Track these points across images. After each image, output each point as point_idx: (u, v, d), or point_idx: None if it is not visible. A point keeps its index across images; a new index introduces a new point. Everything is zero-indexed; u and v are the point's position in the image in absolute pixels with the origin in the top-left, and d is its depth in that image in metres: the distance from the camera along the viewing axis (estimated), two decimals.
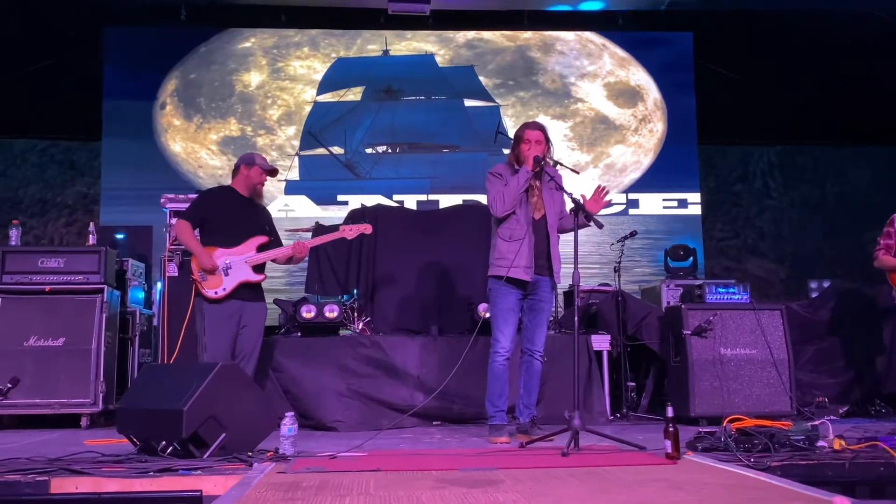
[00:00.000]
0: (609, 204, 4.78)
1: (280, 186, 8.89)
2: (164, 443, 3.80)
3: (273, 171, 5.48)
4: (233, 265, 5.09)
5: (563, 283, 6.58)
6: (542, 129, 4.82)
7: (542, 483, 3.06)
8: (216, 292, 5.06)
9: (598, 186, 4.72)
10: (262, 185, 5.41)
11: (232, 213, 5.21)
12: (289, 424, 3.87)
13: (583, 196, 4.61)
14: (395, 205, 8.70)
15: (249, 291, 5.16)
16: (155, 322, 7.02)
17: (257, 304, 5.25)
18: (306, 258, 5.75)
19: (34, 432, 5.46)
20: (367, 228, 5.49)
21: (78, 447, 4.24)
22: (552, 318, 6.59)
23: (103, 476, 3.44)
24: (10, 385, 5.76)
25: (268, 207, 8.62)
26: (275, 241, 5.34)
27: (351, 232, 5.44)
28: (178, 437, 3.70)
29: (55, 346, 5.89)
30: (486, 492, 2.85)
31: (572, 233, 4.42)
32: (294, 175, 9.06)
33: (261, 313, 5.30)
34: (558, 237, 4.89)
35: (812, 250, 9.87)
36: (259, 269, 5.20)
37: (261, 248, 5.20)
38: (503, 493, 2.83)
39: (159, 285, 6.74)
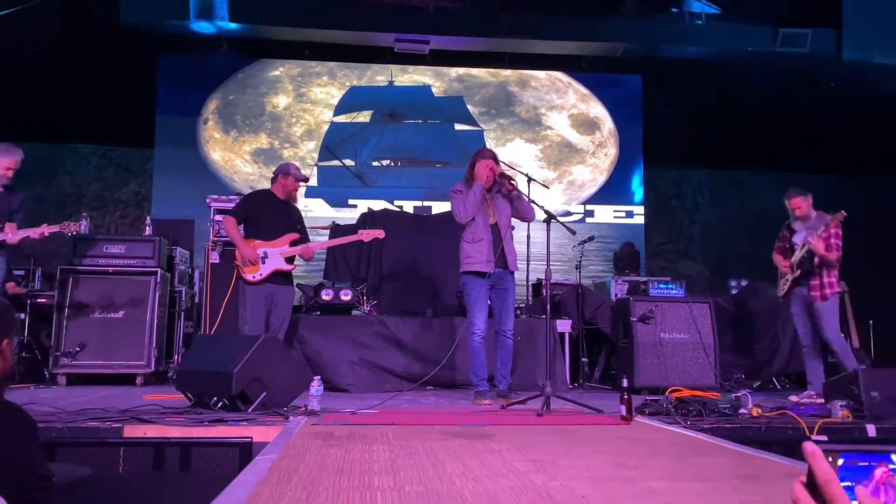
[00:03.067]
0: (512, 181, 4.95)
1: (301, 191, 8.82)
2: (215, 398, 3.85)
3: (304, 179, 5.52)
4: (269, 255, 5.13)
5: (532, 277, 6.74)
6: (493, 155, 5.05)
7: (527, 436, 3.15)
8: (254, 277, 5.10)
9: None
10: (296, 191, 5.42)
11: (270, 213, 5.23)
12: (316, 386, 3.92)
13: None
14: (397, 209, 8.73)
15: (281, 277, 5.19)
16: (196, 300, 7.03)
17: (287, 288, 5.29)
18: (314, 255, 5.74)
19: (98, 388, 5.48)
20: (380, 233, 5.51)
21: (139, 401, 4.26)
22: (522, 306, 6.71)
23: (167, 424, 3.49)
24: (78, 349, 5.78)
25: None
26: (304, 238, 5.37)
27: (367, 236, 5.45)
28: (228, 394, 3.75)
29: (116, 318, 5.91)
30: (484, 443, 2.93)
31: (544, 237, 4.55)
32: (313, 182, 9.05)
33: (290, 295, 5.34)
34: (511, 235, 5.03)
35: (733, 255, 10.00)
36: (290, 259, 5.23)
37: (293, 244, 5.23)
38: (497, 443, 2.92)
39: (199, 271, 6.77)
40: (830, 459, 0.80)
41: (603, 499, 1.95)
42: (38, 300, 6.38)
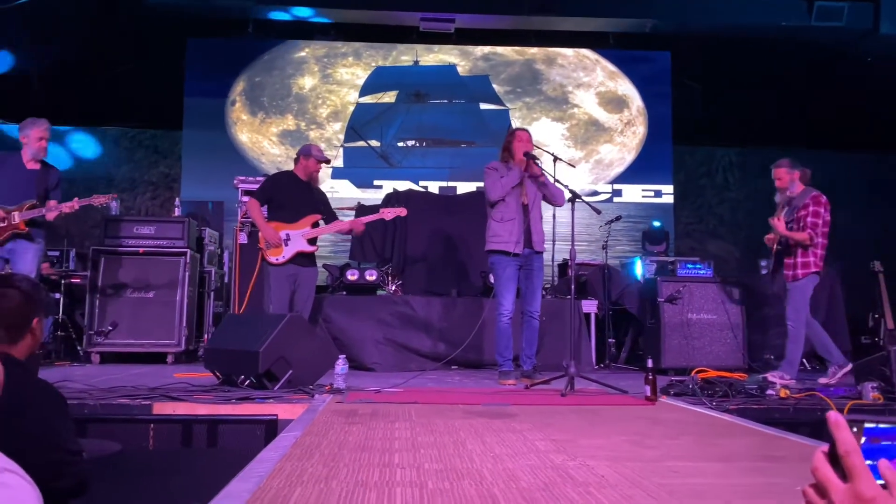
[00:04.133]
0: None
1: (328, 172, 8.93)
2: (242, 377, 3.92)
3: (326, 160, 5.50)
4: (291, 237, 5.15)
5: (558, 257, 6.72)
6: (528, 131, 5.02)
7: (549, 416, 3.15)
8: (277, 259, 5.12)
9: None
10: (318, 171, 5.41)
11: (292, 195, 5.24)
12: (342, 364, 3.97)
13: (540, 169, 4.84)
14: (422, 189, 8.73)
15: (304, 259, 5.21)
16: (226, 279, 7.13)
17: (311, 269, 5.31)
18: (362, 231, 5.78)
19: (130, 366, 5.59)
20: (402, 211, 5.48)
21: (169, 379, 4.36)
22: (548, 286, 6.69)
23: (195, 402, 3.56)
24: (110, 328, 5.90)
25: None
26: (329, 217, 5.38)
27: (389, 214, 5.42)
28: (255, 372, 3.81)
29: (147, 298, 6.01)
30: (506, 422, 2.94)
31: (569, 216, 4.52)
32: (339, 163, 9.07)
33: (313, 276, 5.36)
34: (540, 217, 4.99)
35: (762, 234, 9.80)
36: (312, 241, 5.24)
37: (314, 225, 5.25)
38: (519, 423, 2.93)
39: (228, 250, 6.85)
40: (855, 430, 0.78)
41: (621, 478, 1.95)
42: (72, 280, 6.51)
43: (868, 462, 0.76)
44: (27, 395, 2.02)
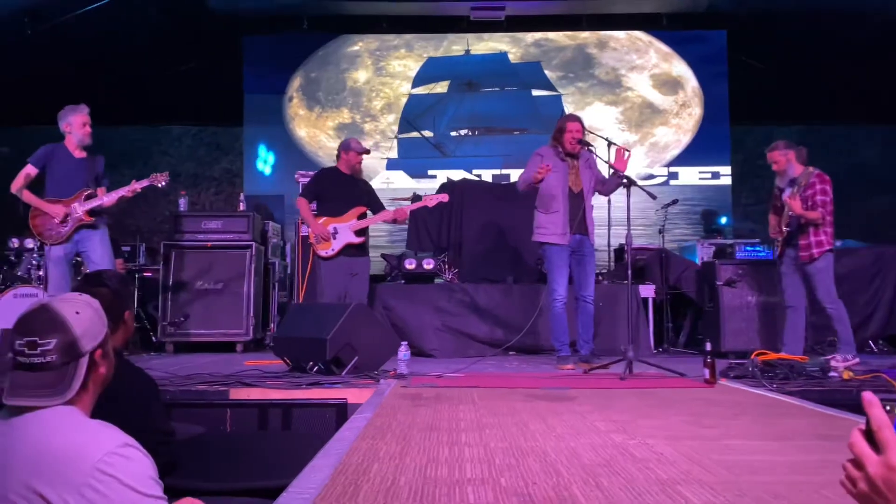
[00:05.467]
0: (629, 157, 4.89)
1: (382, 164, 9.09)
2: (311, 363, 4.11)
3: (366, 151, 5.56)
4: (339, 231, 5.26)
5: (614, 242, 6.74)
6: (580, 120, 5.04)
7: (608, 399, 3.24)
8: (327, 252, 5.26)
9: (618, 149, 4.81)
10: (360, 163, 5.47)
11: (337, 189, 5.35)
12: (404, 351, 4.10)
13: (609, 163, 4.77)
14: (476, 178, 8.82)
15: (354, 249, 5.30)
16: (289, 271, 7.38)
17: (362, 259, 5.41)
18: (406, 219, 5.89)
19: (202, 355, 5.87)
20: (444, 198, 5.53)
21: (240, 367, 4.59)
22: (605, 272, 6.73)
23: (268, 388, 3.77)
24: (182, 318, 6.21)
25: (373, 180, 8.94)
26: (375, 208, 5.46)
27: (432, 201, 5.49)
28: (323, 359, 4.00)
29: (216, 289, 6.29)
30: (566, 404, 3.05)
31: (625, 201, 4.56)
32: (393, 154, 9.22)
33: (365, 265, 5.46)
34: (592, 206, 5.03)
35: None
36: (360, 232, 5.32)
37: (361, 217, 5.34)
38: (579, 405, 3.03)
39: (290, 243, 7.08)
40: (888, 409, 0.87)
41: (679, 455, 2.04)
42: (145, 274, 6.85)
43: None
44: (125, 381, 2.22)
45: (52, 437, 1.40)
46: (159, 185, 5.17)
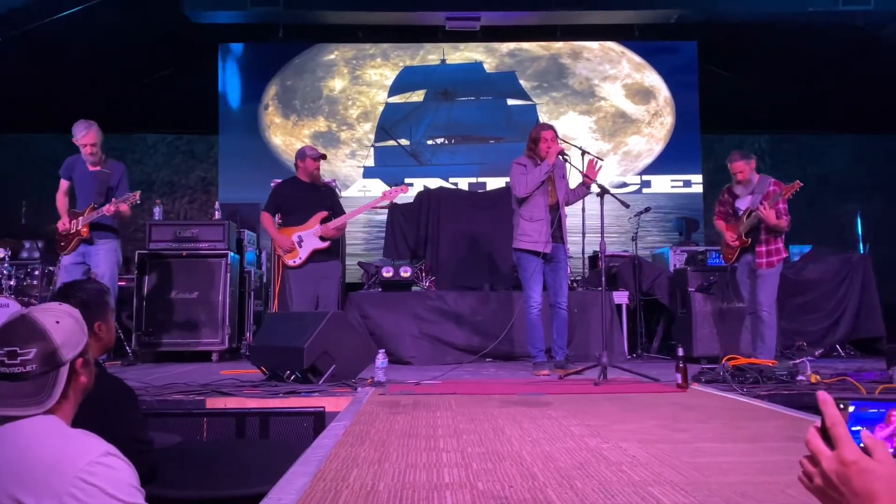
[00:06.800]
0: (600, 168, 4.88)
1: (359, 172, 9.11)
2: (288, 372, 4.10)
3: (322, 156, 5.54)
4: (304, 238, 5.26)
5: (588, 250, 6.81)
6: (553, 128, 5.07)
7: (583, 404, 3.29)
8: (294, 262, 5.26)
9: (590, 160, 4.86)
10: (318, 169, 5.45)
11: (298, 199, 5.36)
12: (382, 359, 4.13)
13: (582, 172, 4.82)
14: (452, 186, 8.86)
15: (321, 254, 5.29)
16: (265, 279, 7.35)
17: (331, 263, 5.39)
18: (343, 230, 5.78)
19: (177, 365, 5.81)
20: (404, 189, 5.48)
21: (217, 376, 4.56)
22: (579, 279, 6.81)
23: (245, 396, 3.75)
24: (155, 329, 6.15)
25: (349, 188, 8.95)
26: (337, 212, 5.42)
27: (391, 194, 5.44)
28: (300, 367, 3.99)
29: (191, 298, 6.24)
30: (542, 410, 3.09)
31: (598, 209, 4.61)
32: (370, 162, 9.25)
33: (335, 269, 5.45)
34: (566, 214, 5.11)
35: (796, 221, 9.70)
36: (324, 238, 5.28)
37: (323, 221, 5.30)
38: (554, 410, 3.08)
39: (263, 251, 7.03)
40: (842, 406, 0.93)
41: (651, 457, 2.09)
42: (119, 283, 6.77)
43: (854, 429, 0.91)
44: (103, 390, 2.22)
45: (34, 446, 1.40)
46: (131, 204, 5.31)
